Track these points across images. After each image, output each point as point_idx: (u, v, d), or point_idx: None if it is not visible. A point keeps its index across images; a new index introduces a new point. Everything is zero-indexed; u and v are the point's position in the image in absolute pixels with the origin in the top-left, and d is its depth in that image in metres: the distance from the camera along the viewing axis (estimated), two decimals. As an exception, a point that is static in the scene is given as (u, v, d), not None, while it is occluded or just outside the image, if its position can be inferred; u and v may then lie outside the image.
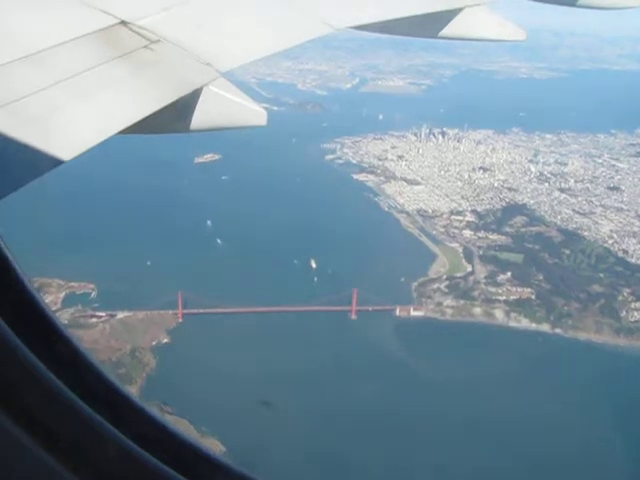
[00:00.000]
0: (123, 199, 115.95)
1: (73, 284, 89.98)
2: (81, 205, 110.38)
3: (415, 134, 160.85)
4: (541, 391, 73.55)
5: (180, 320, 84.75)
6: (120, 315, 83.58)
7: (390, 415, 70.15)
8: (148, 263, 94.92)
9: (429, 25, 6.84)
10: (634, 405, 70.16)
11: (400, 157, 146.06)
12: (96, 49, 3.96)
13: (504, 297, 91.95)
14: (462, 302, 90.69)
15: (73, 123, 3.51)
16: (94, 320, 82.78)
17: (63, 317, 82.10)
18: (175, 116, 4.16)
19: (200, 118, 4.25)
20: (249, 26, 5.17)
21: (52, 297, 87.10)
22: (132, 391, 70.09)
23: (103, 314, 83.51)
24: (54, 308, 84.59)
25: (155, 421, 2.63)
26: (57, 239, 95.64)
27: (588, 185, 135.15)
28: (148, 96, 3.84)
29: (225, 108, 4.28)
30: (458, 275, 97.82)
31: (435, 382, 74.21)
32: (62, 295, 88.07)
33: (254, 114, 4.48)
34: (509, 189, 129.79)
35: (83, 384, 2.48)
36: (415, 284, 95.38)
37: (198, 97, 4.12)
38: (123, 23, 4.26)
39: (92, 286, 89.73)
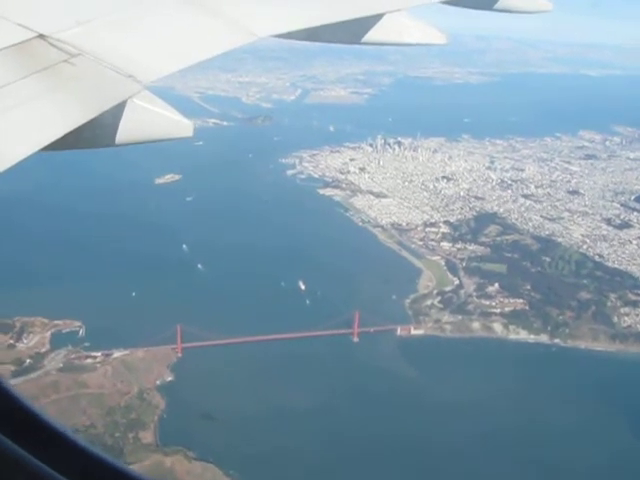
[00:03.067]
0: (88, 226, 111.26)
1: (58, 322, 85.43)
2: (34, 233, 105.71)
3: (371, 145, 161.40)
4: (559, 402, 73.87)
5: (180, 355, 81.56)
6: (116, 354, 79.65)
7: (413, 440, 69.08)
8: (133, 294, 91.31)
9: (351, 31, 6.90)
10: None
11: (362, 169, 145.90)
12: (13, 64, 3.83)
13: (499, 309, 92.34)
14: (460, 317, 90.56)
15: None
16: (89, 361, 78.62)
17: (57, 360, 78.22)
18: (99, 130, 4.05)
19: (125, 131, 4.14)
20: (171, 37, 5.04)
21: (38, 337, 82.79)
22: (148, 438, 67.47)
23: (98, 354, 79.38)
24: (44, 350, 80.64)
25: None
26: (22, 273, 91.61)
27: (549, 190, 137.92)
28: (70, 111, 3.70)
29: (150, 120, 4.16)
30: (447, 289, 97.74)
31: (453, 401, 73.54)
32: (48, 335, 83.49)
33: (180, 126, 4.27)
34: (476, 198, 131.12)
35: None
36: (408, 301, 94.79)
37: (122, 110, 4.01)
38: (41, 37, 4.12)
39: (79, 323, 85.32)
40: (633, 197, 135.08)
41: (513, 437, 69.83)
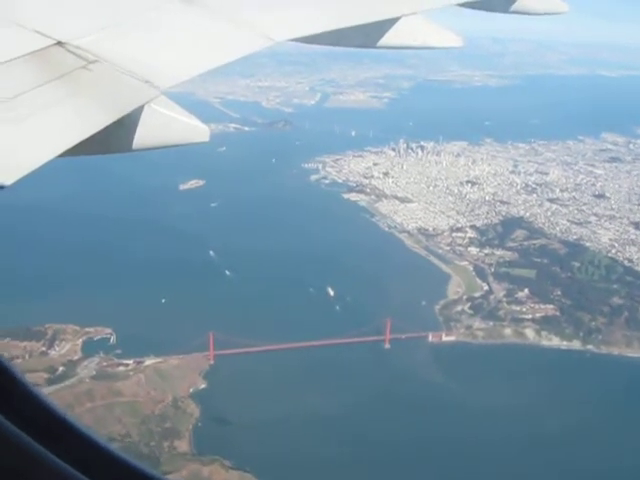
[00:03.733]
0: (114, 232, 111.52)
1: (89, 329, 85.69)
2: (61, 241, 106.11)
3: (393, 149, 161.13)
4: (596, 409, 73.42)
5: (212, 362, 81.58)
6: (148, 362, 79.70)
7: (451, 445, 68.79)
8: (163, 301, 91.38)
9: (367, 35, 6.92)
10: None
11: (386, 174, 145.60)
12: (32, 71, 3.88)
13: (530, 315, 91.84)
14: (491, 323, 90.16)
15: (9, 147, 3.41)
16: (122, 369, 78.72)
17: (90, 368, 78.42)
18: (117, 136, 4.07)
19: (143, 136, 4.18)
20: (187, 42, 5.05)
21: (70, 345, 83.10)
22: (184, 446, 67.50)
23: (130, 361, 79.44)
24: (76, 358, 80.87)
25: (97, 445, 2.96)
26: (50, 280, 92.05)
27: (574, 194, 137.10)
28: (88, 116, 3.74)
29: (167, 125, 4.22)
30: (477, 295, 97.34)
31: (489, 408, 73.23)
32: (80, 342, 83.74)
33: (197, 131, 4.33)
34: (501, 202, 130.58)
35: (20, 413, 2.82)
36: (437, 307, 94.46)
37: (140, 116, 4.05)
38: (59, 44, 4.17)
39: (109, 330, 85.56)
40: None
41: (549, 442, 69.23)
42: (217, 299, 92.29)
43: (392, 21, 6.79)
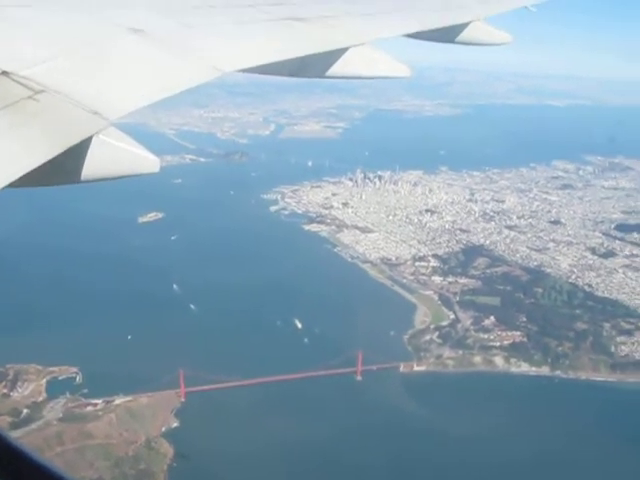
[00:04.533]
0: (74, 266, 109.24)
1: (53, 369, 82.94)
2: (17, 276, 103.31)
3: (351, 179, 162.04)
4: (567, 434, 73.90)
5: (183, 399, 79.82)
6: (117, 401, 77.42)
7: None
8: (129, 337, 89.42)
9: (317, 65, 7.05)
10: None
11: (345, 204, 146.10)
12: None
13: (498, 343, 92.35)
14: (460, 352, 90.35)
15: None
16: (90, 409, 76.29)
17: (57, 410, 75.85)
18: (65, 167, 4.04)
19: (92, 168, 4.14)
20: (136, 73, 5.05)
21: (33, 385, 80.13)
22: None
23: (99, 401, 77.02)
24: (41, 399, 78.20)
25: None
26: (9, 317, 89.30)
27: (531, 221, 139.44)
28: (35, 148, 3.65)
29: (116, 157, 4.15)
30: (444, 324, 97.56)
31: (463, 436, 73.05)
32: (44, 382, 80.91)
33: (146, 161, 4.28)
34: (461, 230, 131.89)
35: None
36: (406, 337, 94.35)
37: (88, 147, 4.01)
38: (4, 74, 4.12)
39: (74, 369, 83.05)
40: (613, 226, 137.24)
41: (524, 468, 69.47)
42: (184, 334, 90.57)
43: (341, 51, 6.93)
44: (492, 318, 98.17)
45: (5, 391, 78.98)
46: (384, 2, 10.21)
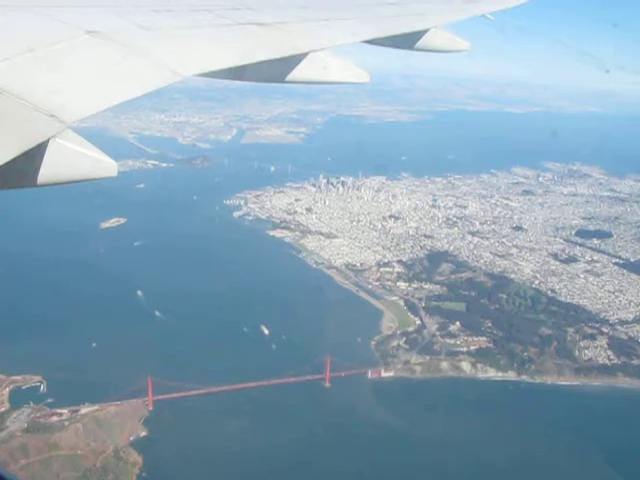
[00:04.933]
0: (35, 272, 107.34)
1: (16, 377, 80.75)
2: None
3: (314, 185, 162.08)
4: (537, 438, 74.43)
5: (150, 408, 78.47)
6: (84, 410, 75.67)
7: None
8: (93, 345, 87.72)
9: (276, 70, 7.13)
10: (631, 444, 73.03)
11: (309, 210, 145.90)
12: None
13: (465, 348, 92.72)
14: (427, 358, 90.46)
15: None
16: (56, 419, 74.44)
17: (21, 420, 73.88)
18: (21, 170, 4.02)
19: (48, 172, 4.11)
20: (95, 76, 5.06)
21: (-5, 395, 78.18)
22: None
23: (65, 411, 75.18)
24: (3, 409, 76.17)
25: None
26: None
27: (493, 227, 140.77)
28: None
29: (73, 160, 4.14)
30: (411, 329, 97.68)
31: (433, 441, 73.33)
32: (6, 392, 78.75)
33: (104, 165, 4.27)
34: (425, 236, 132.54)
35: None
36: (373, 343, 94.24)
37: (44, 150, 3.99)
38: None
39: (38, 378, 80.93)
40: (574, 232, 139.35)
41: (492, 471, 69.91)
42: (149, 342, 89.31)
43: (300, 57, 6.98)
44: (458, 324, 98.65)
45: (-35, 402, 76.74)
46: (342, 9, 10.26)
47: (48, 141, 3.91)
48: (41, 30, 5.38)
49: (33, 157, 3.88)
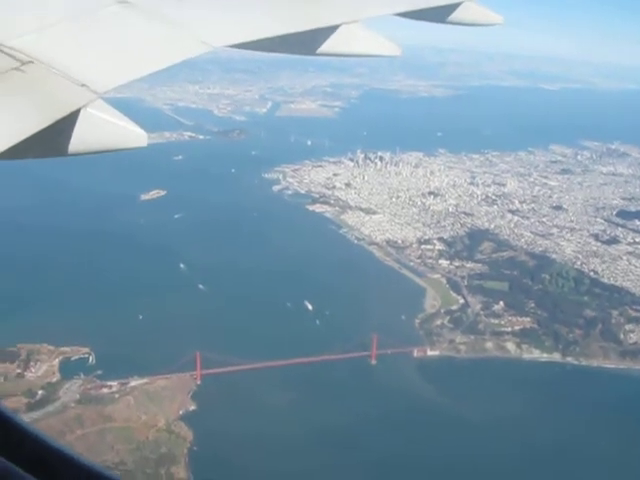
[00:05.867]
0: (79, 245, 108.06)
1: (65, 349, 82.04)
2: (21, 255, 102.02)
3: (351, 159, 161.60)
4: (585, 421, 74.61)
5: (198, 382, 79.52)
6: (133, 383, 76.96)
7: (443, 461, 68.89)
8: (140, 317, 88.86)
9: (307, 43, 7.08)
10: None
11: (347, 185, 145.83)
12: None
13: (509, 328, 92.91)
14: (472, 337, 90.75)
15: None
16: (106, 391, 75.72)
17: (73, 391, 75.12)
18: (52, 140, 4.04)
19: (78, 141, 4.15)
20: (126, 46, 5.08)
21: (46, 366, 79.28)
22: (181, 472, 65.69)
23: (114, 383, 76.42)
24: (55, 380, 77.47)
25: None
26: (16, 298, 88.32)
27: (533, 205, 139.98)
28: (21, 120, 3.72)
29: (103, 130, 4.18)
30: (454, 308, 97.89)
31: (482, 423, 73.64)
32: (56, 362, 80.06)
33: (134, 135, 4.28)
34: (465, 214, 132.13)
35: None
36: (417, 321, 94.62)
37: (76, 119, 4.02)
38: None
39: (87, 349, 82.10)
40: (615, 212, 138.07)
41: (545, 456, 70.14)
42: (194, 315, 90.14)
43: (332, 29, 6.93)
44: (501, 303, 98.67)
45: (19, 371, 77.98)
46: None
47: (79, 111, 3.98)
48: (73, 0, 5.49)
49: (64, 126, 3.95)
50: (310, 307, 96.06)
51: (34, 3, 5.21)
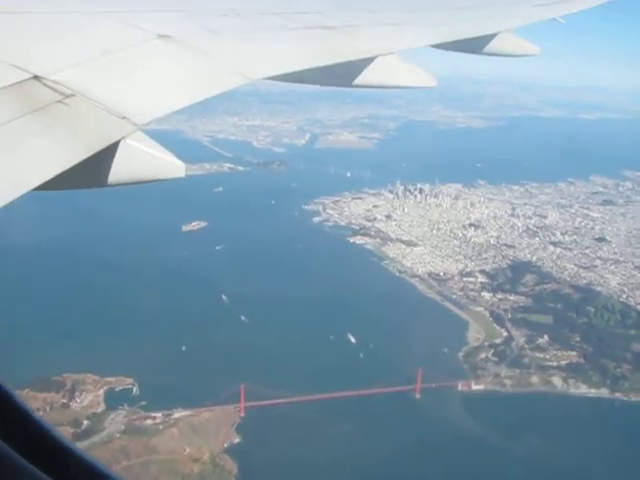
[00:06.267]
0: (123, 276, 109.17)
1: (110, 379, 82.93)
2: (67, 285, 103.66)
3: (391, 191, 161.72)
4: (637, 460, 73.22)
5: (242, 414, 79.66)
6: (177, 414, 77.40)
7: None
8: (183, 348, 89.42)
9: (344, 75, 7.12)
10: None
11: (388, 217, 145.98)
12: (8, 105, 3.91)
13: (554, 362, 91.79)
14: (517, 371, 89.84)
15: None
16: (150, 422, 76.20)
17: (117, 422, 75.74)
18: (93, 171, 4.10)
19: (118, 172, 4.20)
20: (164, 78, 5.20)
21: (91, 396, 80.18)
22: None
23: (158, 414, 76.92)
24: (100, 410, 78.22)
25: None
26: (62, 328, 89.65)
27: (575, 237, 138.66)
28: (64, 150, 3.77)
29: (142, 161, 4.22)
30: (498, 342, 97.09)
31: (539, 458, 72.60)
32: (101, 393, 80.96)
33: (172, 166, 4.34)
34: (507, 246, 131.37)
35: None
36: (461, 354, 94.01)
37: (115, 151, 4.08)
38: (36, 78, 4.23)
39: (131, 380, 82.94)
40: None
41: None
42: (237, 346, 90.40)
43: (368, 60, 7.02)
44: (546, 337, 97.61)
45: (64, 401, 78.89)
46: (410, 13, 10.26)
47: (119, 142, 4.08)
48: (114, 35, 5.56)
49: (105, 158, 4.04)
50: (353, 340, 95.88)
51: (75, 37, 5.36)
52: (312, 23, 7.55)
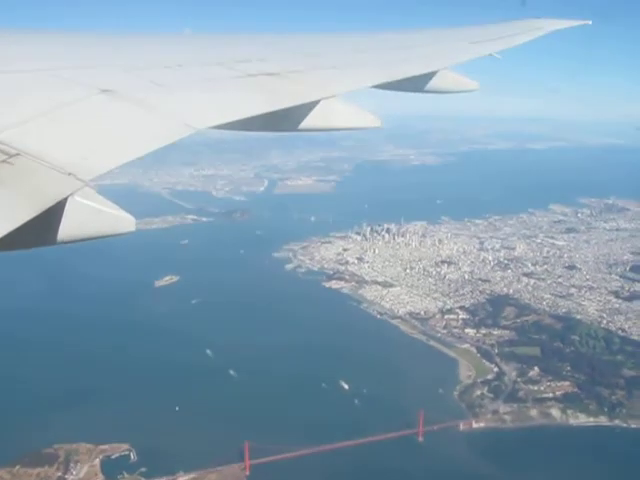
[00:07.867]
0: (100, 335, 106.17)
1: (104, 447, 79.56)
2: (40, 347, 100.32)
3: (358, 233, 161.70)
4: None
5: (247, 473, 77.23)
6: (180, 479, 74.83)
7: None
8: (177, 409, 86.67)
9: (289, 119, 7.22)
10: None
11: (360, 259, 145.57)
12: None
13: (550, 394, 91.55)
14: (515, 406, 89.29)
15: None
16: (154, 489, 73.46)
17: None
18: (42, 229, 4.08)
19: (68, 229, 4.18)
20: (109, 133, 5.17)
21: (87, 466, 76.68)
22: None
23: (162, 480, 74.45)
24: (99, 481, 75.03)
25: None
26: (44, 395, 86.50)
27: (546, 267, 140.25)
28: (10, 210, 3.72)
29: (91, 217, 4.21)
30: (490, 377, 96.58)
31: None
32: (97, 462, 77.63)
33: (123, 221, 4.35)
34: (481, 280, 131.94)
35: None
36: (456, 393, 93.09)
37: (63, 208, 4.06)
38: None
39: (126, 446, 79.75)
40: (628, 268, 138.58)
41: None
42: (230, 402, 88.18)
43: (312, 104, 7.14)
44: (536, 369, 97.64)
45: (59, 474, 75.37)
46: (350, 55, 10.49)
47: (66, 199, 3.97)
48: (57, 91, 5.49)
49: (53, 215, 3.95)
50: (346, 386, 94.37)
51: (17, 95, 5.27)
52: (255, 70, 7.63)
